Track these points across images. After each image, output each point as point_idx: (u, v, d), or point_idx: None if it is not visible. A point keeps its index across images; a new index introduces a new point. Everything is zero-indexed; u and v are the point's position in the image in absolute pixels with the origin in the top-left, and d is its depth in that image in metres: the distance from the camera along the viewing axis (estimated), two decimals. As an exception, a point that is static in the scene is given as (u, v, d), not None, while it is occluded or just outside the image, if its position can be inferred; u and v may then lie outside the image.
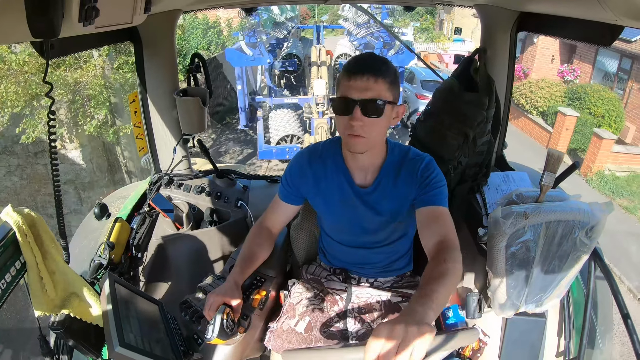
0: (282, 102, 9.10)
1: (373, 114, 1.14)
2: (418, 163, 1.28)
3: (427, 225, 1.20)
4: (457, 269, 1.05)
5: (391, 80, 1.15)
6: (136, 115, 2.02)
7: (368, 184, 1.32)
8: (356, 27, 9.96)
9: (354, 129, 1.15)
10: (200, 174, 2.12)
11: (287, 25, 10.29)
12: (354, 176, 1.32)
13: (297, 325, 1.32)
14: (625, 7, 0.93)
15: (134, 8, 1.04)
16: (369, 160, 1.29)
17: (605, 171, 9.77)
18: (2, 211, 0.99)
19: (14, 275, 0.99)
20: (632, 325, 1.32)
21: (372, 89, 1.13)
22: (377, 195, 1.31)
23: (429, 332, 0.78)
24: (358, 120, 1.14)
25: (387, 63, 1.17)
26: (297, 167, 1.38)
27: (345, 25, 11.30)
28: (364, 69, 1.13)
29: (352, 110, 1.14)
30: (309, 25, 13.62)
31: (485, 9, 1.84)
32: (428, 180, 1.25)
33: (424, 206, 1.23)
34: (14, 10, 0.69)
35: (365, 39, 9.35)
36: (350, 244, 1.43)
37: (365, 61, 1.16)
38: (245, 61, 8.34)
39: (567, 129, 10.49)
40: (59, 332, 1.07)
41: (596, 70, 12.85)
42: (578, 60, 13.30)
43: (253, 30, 8.50)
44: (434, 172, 1.26)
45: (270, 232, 1.43)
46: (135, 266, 1.79)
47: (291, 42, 10.36)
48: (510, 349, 1.64)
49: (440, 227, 1.17)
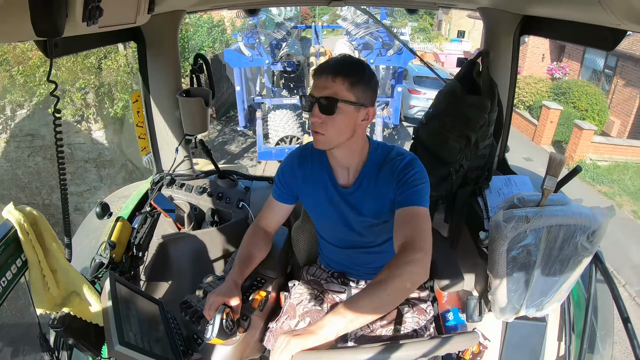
0: (281, 103, 9.03)
1: (327, 111, 1.17)
2: (398, 162, 1.26)
3: (399, 226, 1.18)
4: (404, 273, 1.04)
5: (354, 81, 1.16)
6: (139, 115, 2.02)
7: (350, 184, 1.33)
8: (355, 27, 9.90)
9: (313, 125, 1.20)
10: (202, 175, 2.12)
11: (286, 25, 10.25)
12: (337, 176, 1.34)
13: (297, 326, 1.32)
14: (628, 11, 0.93)
15: (138, 8, 1.04)
16: (347, 160, 1.30)
17: (586, 160, 10.35)
18: (4, 209, 1.00)
19: (14, 273, 0.99)
20: (633, 329, 1.32)
21: (329, 88, 1.16)
22: (358, 196, 1.32)
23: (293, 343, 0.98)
24: (315, 117, 1.18)
25: (356, 65, 1.20)
26: (288, 167, 1.40)
27: (344, 25, 11.22)
28: (324, 69, 1.18)
29: (312, 107, 1.18)
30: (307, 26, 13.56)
31: (488, 12, 1.84)
32: (406, 178, 1.23)
33: (400, 207, 1.22)
34: (18, 9, 0.69)
35: (364, 39, 9.29)
36: (339, 245, 1.44)
37: (329, 62, 1.20)
38: (244, 62, 8.30)
39: (552, 122, 11.11)
40: (59, 330, 1.07)
41: (584, 68, 13.54)
42: (567, 59, 14.06)
43: (251, 31, 8.48)
44: (413, 170, 1.24)
45: (265, 231, 1.44)
46: (136, 265, 1.79)
47: (290, 43, 10.32)
48: (510, 352, 1.63)
49: (407, 229, 1.15)
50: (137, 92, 1.99)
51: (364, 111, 1.21)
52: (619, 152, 10.54)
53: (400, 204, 1.22)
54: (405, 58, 8.13)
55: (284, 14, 10.15)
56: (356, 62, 1.21)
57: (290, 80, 10.27)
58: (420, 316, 1.39)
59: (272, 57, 8.76)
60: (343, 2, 2.12)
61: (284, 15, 10.14)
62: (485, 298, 1.61)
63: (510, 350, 1.63)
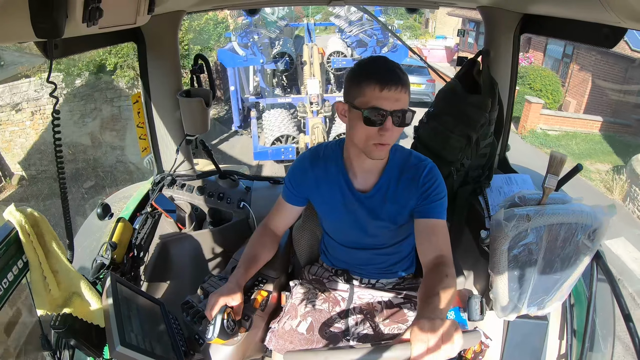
0: (276, 102, 8.99)
1: (403, 124, 1.14)
2: (420, 170, 1.27)
3: (427, 237, 1.22)
4: (455, 284, 1.13)
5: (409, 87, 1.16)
6: (139, 116, 2.02)
7: (368, 189, 1.31)
8: (348, 25, 9.88)
9: (384, 138, 1.14)
10: (202, 175, 2.12)
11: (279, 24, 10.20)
12: (355, 180, 1.32)
13: (299, 325, 1.32)
14: (629, 9, 0.93)
15: (138, 9, 1.04)
16: (374, 163, 1.28)
17: (537, 130, 12.15)
18: (5, 210, 1.00)
19: (16, 274, 0.99)
20: (634, 327, 1.31)
21: (402, 100, 1.13)
22: (376, 200, 1.31)
23: (460, 328, 0.89)
24: (389, 131, 1.13)
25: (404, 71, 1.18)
26: (300, 169, 1.38)
27: (337, 23, 11.18)
28: (393, 79, 1.11)
29: (384, 121, 1.12)
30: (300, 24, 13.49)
31: (488, 11, 1.84)
32: (430, 191, 1.25)
33: (422, 217, 1.25)
34: (18, 11, 0.69)
35: (358, 36, 9.27)
36: (351, 246, 1.43)
37: (393, 71, 1.14)
38: (237, 62, 8.27)
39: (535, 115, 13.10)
40: (60, 331, 1.07)
41: (547, 57, 15.45)
42: (533, 49, 15.98)
43: (245, 31, 8.44)
44: (436, 182, 1.26)
45: (274, 233, 1.44)
46: (137, 266, 1.79)
47: (282, 41, 10.28)
48: (511, 351, 1.63)
49: (438, 242, 1.21)
50: (137, 93, 1.99)
51: None
52: (569, 124, 12.26)
53: (423, 215, 1.25)
54: (400, 55, 8.11)
55: (277, 13, 10.11)
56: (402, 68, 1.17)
57: (284, 79, 10.24)
58: (422, 315, 1.39)
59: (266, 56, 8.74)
60: (343, 2, 2.12)
61: (277, 14, 10.10)
62: (487, 297, 1.60)
63: (512, 348, 1.63)
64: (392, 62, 1.18)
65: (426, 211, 1.24)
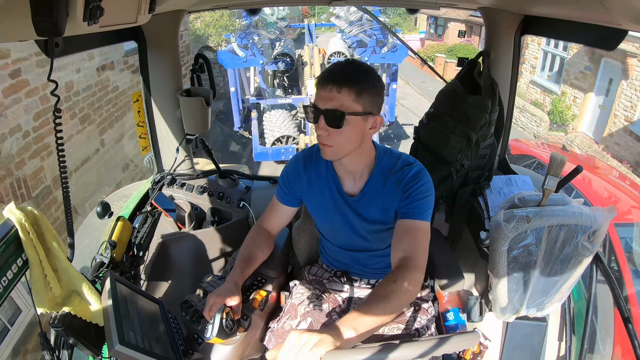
0: (276, 103, 8.97)
1: (334, 124, 1.13)
2: (405, 172, 1.25)
3: (399, 238, 1.19)
4: (407, 290, 1.07)
5: (360, 90, 1.11)
6: (139, 115, 2.02)
7: (356, 192, 1.31)
8: (348, 25, 9.87)
9: (320, 137, 1.16)
10: (202, 174, 2.12)
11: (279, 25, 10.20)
12: (343, 182, 1.32)
13: (298, 325, 1.32)
14: (630, 11, 0.93)
15: (139, 8, 1.04)
16: (354, 166, 1.28)
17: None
18: (5, 208, 1.00)
19: (15, 272, 0.99)
20: (633, 329, 1.31)
21: (335, 100, 1.11)
22: (364, 203, 1.30)
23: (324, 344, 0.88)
24: (322, 130, 1.14)
25: (362, 72, 1.14)
26: (293, 170, 1.38)
27: (338, 23, 11.17)
28: (329, 78, 1.12)
29: (318, 119, 1.14)
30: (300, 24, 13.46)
31: (489, 12, 1.84)
32: (411, 190, 1.22)
33: (402, 218, 1.22)
34: (19, 9, 0.69)
35: (358, 36, 9.26)
36: (346, 247, 1.43)
37: (333, 71, 1.15)
38: (238, 63, 8.26)
39: (440, 65, 17.81)
40: (59, 329, 1.07)
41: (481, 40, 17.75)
42: (475, 35, 19.20)
43: (245, 32, 8.43)
44: (419, 183, 1.23)
45: (268, 233, 1.44)
46: (136, 265, 1.79)
47: (283, 42, 10.28)
48: (510, 352, 1.63)
49: (408, 243, 1.16)
50: (137, 92, 1.99)
51: (371, 119, 1.18)
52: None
53: (402, 215, 1.22)
54: (399, 55, 8.11)
55: (277, 14, 10.10)
56: (362, 69, 1.15)
57: (285, 80, 10.24)
58: (422, 316, 1.39)
59: (266, 57, 8.73)
60: (344, 2, 2.12)
61: (277, 15, 10.09)
62: (486, 298, 1.60)
63: (511, 350, 1.63)
64: (354, 64, 1.17)
65: (406, 212, 1.22)
